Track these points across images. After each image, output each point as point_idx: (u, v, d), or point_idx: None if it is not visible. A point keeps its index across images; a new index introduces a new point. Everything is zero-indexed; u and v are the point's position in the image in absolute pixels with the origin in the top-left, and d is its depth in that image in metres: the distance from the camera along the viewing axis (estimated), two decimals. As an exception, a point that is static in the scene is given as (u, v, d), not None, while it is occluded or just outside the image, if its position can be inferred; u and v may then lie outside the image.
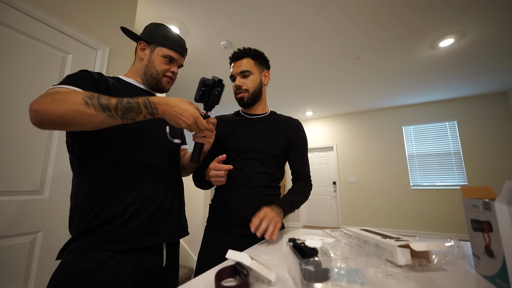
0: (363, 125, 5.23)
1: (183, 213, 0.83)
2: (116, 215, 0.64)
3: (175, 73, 0.84)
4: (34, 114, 0.51)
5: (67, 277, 0.57)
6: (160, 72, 0.81)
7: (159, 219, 0.71)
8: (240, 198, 0.88)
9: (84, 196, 0.65)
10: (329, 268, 0.36)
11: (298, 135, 1.00)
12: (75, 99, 0.52)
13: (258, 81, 0.97)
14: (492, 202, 0.37)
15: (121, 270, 0.61)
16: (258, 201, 0.86)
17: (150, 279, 0.69)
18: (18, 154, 1.12)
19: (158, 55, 0.81)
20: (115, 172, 0.67)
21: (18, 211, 1.10)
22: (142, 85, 0.84)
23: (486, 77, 3.63)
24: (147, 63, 0.81)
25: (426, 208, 4.44)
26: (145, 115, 0.60)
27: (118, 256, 0.62)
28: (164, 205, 0.73)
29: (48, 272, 1.19)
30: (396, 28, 2.45)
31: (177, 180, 0.83)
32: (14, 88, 1.13)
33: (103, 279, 0.58)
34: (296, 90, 4.04)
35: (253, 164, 0.91)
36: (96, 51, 1.52)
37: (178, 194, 0.81)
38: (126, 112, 0.57)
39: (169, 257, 0.75)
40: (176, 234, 0.76)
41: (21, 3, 1.16)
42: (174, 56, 0.82)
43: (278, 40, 2.64)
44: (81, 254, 0.59)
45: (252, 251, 0.63)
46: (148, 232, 0.68)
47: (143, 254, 0.67)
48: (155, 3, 2.09)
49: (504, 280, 0.35)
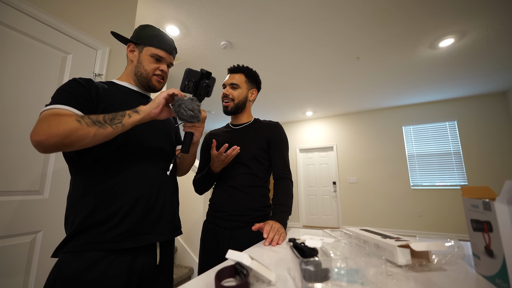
0: (363, 125, 5.23)
1: (176, 213, 0.83)
2: (109, 216, 0.65)
3: (164, 71, 0.85)
4: (36, 145, 0.56)
5: (62, 276, 0.59)
6: (150, 72, 0.82)
7: (152, 219, 0.72)
8: (227, 196, 1.02)
9: (77, 196, 0.67)
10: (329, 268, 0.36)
11: (276, 134, 1.09)
12: (68, 121, 0.57)
13: (244, 95, 1.10)
14: (492, 202, 0.37)
15: (114, 270, 0.63)
16: (241, 199, 1.00)
17: (143, 277, 0.70)
18: (18, 154, 1.12)
19: (146, 54, 0.82)
20: (108, 173, 0.68)
21: (18, 211, 1.10)
22: (135, 87, 0.85)
23: (486, 77, 3.63)
24: (137, 64, 0.83)
25: (426, 208, 4.43)
26: (130, 114, 0.65)
27: (111, 256, 0.63)
28: (156, 205, 0.74)
29: (48, 272, 1.19)
30: (396, 28, 2.45)
31: (170, 180, 0.83)
32: (14, 88, 1.13)
33: (96, 279, 0.60)
34: (296, 90, 4.04)
35: (238, 167, 1.04)
36: (96, 51, 1.52)
37: (171, 194, 0.81)
38: (113, 118, 0.62)
39: (162, 255, 0.76)
40: (169, 233, 0.77)
41: (21, 3, 1.16)
42: (162, 54, 0.83)
43: (278, 40, 2.64)
44: (76, 254, 0.61)
45: (252, 251, 0.63)
46: (141, 232, 0.69)
47: (136, 253, 0.68)
48: (155, 3, 2.09)
49: (504, 280, 0.35)
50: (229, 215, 0.99)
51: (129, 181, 0.70)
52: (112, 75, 1.60)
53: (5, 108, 1.09)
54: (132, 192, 0.69)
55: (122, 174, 0.69)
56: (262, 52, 2.88)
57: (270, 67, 3.24)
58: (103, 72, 1.53)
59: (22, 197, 1.12)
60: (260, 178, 1.05)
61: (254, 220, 0.98)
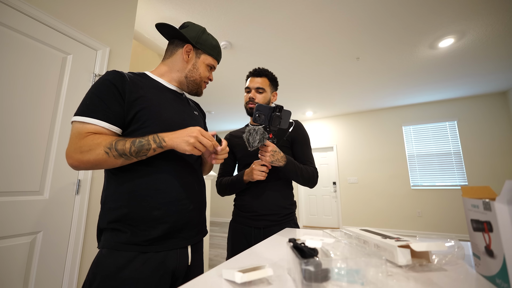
0: (363, 125, 5.23)
1: (203, 214, 0.83)
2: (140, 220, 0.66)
3: (211, 80, 0.90)
4: (70, 165, 0.63)
5: (101, 271, 0.62)
6: (203, 79, 0.85)
7: (180, 225, 0.72)
8: (253, 197, 1.07)
9: (111, 194, 0.69)
10: (329, 268, 0.36)
11: (298, 133, 1.12)
12: (97, 150, 0.61)
13: (268, 98, 1.14)
14: (492, 202, 0.37)
15: (149, 267, 0.65)
16: (267, 199, 1.05)
17: (176, 278, 0.71)
18: (18, 154, 1.12)
19: (204, 62, 0.84)
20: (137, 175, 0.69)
21: (18, 211, 1.10)
22: (172, 86, 0.83)
23: (486, 77, 3.63)
24: (191, 68, 0.83)
25: (426, 208, 4.43)
26: (155, 149, 0.65)
27: (145, 254, 0.65)
28: (185, 210, 0.73)
29: (48, 272, 1.19)
30: (396, 28, 2.45)
31: (198, 182, 0.82)
32: (14, 89, 1.13)
33: (132, 274, 0.63)
34: (296, 90, 4.04)
35: None
36: (96, 52, 1.52)
37: (200, 197, 0.81)
38: (139, 152, 0.64)
39: (194, 256, 0.77)
40: (194, 237, 0.77)
41: (21, 3, 1.16)
42: (216, 65, 0.88)
43: (278, 40, 2.64)
44: (112, 251, 0.64)
45: (252, 251, 0.63)
46: (170, 237, 0.70)
47: (167, 254, 0.69)
48: (155, 3, 2.10)
49: (504, 280, 0.35)
50: (258, 215, 1.04)
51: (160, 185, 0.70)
52: (112, 75, 1.60)
53: (5, 109, 1.09)
54: (162, 197, 0.70)
55: (153, 176, 0.70)
56: (262, 52, 2.88)
57: (270, 67, 3.24)
58: (103, 73, 1.53)
59: (22, 197, 1.12)
60: (285, 176, 1.09)
61: (282, 218, 1.04)
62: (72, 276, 1.28)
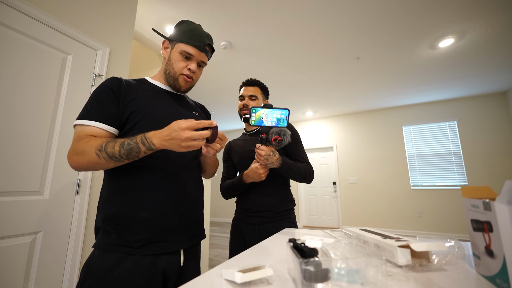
0: (363, 125, 5.23)
1: (199, 218, 0.81)
2: (128, 221, 0.66)
3: (192, 70, 0.78)
4: (70, 166, 0.65)
5: (91, 272, 0.63)
6: (177, 71, 0.77)
7: (170, 227, 0.70)
8: (250, 195, 1.13)
9: (104, 193, 0.71)
10: (329, 268, 0.36)
11: None
12: (90, 152, 0.62)
13: (260, 105, 1.19)
14: (492, 202, 0.37)
15: (138, 268, 0.64)
16: (263, 197, 1.10)
17: (168, 278, 0.70)
18: (18, 154, 1.12)
19: (176, 52, 0.77)
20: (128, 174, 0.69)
21: (18, 211, 1.10)
22: (166, 87, 0.83)
23: (486, 77, 3.63)
24: (167, 62, 0.79)
25: (426, 208, 4.43)
26: (145, 151, 0.63)
27: (134, 255, 0.65)
28: (174, 212, 0.72)
29: (48, 272, 1.19)
30: (396, 28, 2.45)
31: (192, 182, 0.80)
32: (14, 89, 1.13)
33: (122, 276, 0.63)
34: (296, 90, 4.04)
35: None
36: (96, 52, 1.52)
37: (193, 199, 0.78)
38: (129, 154, 0.63)
39: (187, 257, 0.75)
40: (185, 241, 0.74)
41: (21, 3, 1.16)
42: (191, 51, 0.76)
43: (278, 40, 2.64)
44: (103, 252, 0.65)
45: (252, 251, 0.63)
46: (158, 240, 0.68)
47: (158, 255, 0.68)
48: (155, 4, 2.10)
49: (504, 280, 0.35)
50: (252, 211, 1.10)
51: (151, 187, 0.70)
52: (111, 76, 1.60)
53: (5, 109, 1.09)
54: (151, 197, 0.69)
55: (143, 176, 0.70)
56: (262, 52, 2.88)
57: (270, 67, 3.24)
58: (103, 73, 1.53)
59: (22, 197, 1.12)
60: (282, 177, 1.14)
61: (276, 215, 1.08)
62: (72, 276, 1.28)
